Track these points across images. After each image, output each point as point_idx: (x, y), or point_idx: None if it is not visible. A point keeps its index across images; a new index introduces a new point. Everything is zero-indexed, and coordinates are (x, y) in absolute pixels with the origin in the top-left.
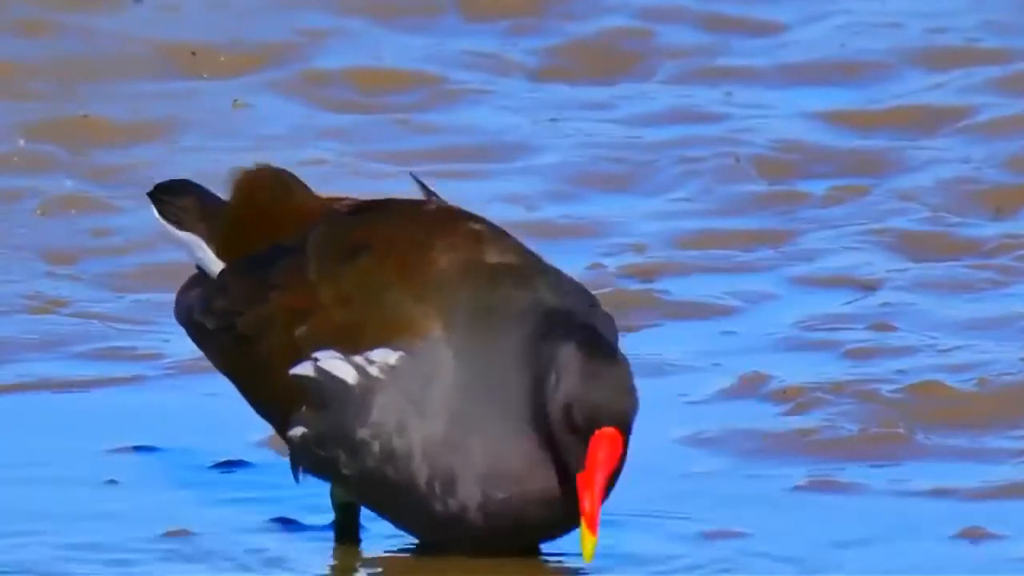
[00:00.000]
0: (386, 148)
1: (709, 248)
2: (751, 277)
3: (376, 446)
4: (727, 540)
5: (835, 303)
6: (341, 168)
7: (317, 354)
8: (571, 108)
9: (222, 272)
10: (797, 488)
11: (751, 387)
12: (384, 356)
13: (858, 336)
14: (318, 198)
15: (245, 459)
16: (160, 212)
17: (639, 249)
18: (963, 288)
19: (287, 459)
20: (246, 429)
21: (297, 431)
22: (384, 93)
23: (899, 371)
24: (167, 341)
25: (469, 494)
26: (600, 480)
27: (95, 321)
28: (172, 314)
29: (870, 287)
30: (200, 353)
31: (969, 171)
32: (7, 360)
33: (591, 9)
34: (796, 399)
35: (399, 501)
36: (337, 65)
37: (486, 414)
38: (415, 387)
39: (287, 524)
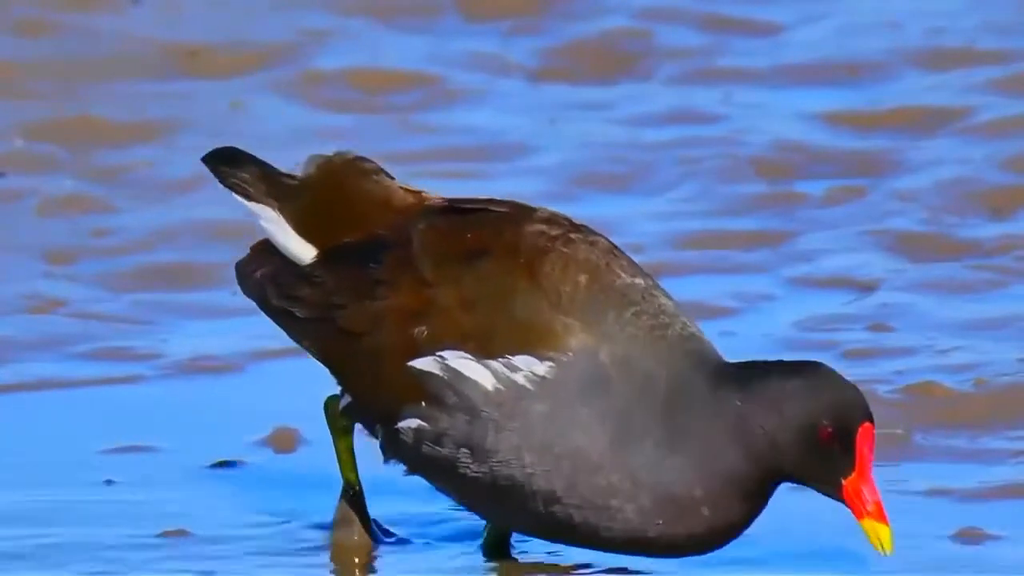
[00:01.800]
0: (386, 148)
1: (708, 248)
2: (750, 277)
3: (513, 455)
4: None
5: (834, 303)
6: None
7: (443, 352)
8: (571, 108)
9: (311, 263)
10: (797, 488)
11: None
12: (529, 364)
13: (856, 336)
14: (402, 187)
15: (244, 459)
16: (221, 182)
17: (638, 249)
18: (961, 289)
19: (287, 459)
20: (245, 429)
21: (410, 423)
22: (384, 93)
23: (897, 372)
24: (166, 341)
25: (623, 519)
26: (872, 475)
27: (94, 321)
28: (176, 312)
29: (868, 287)
30: (199, 353)
31: (968, 172)
32: (7, 360)
33: (591, 9)
34: None
35: (526, 506)
36: (337, 65)
37: (648, 443)
38: (567, 400)
39: (287, 524)
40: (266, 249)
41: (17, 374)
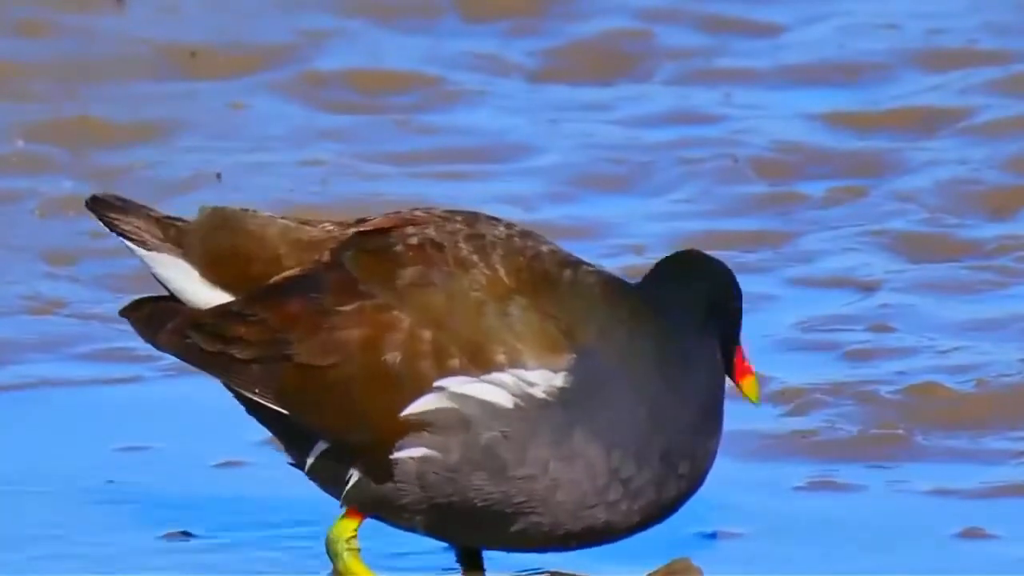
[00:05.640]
0: (386, 149)
1: (709, 249)
2: (751, 278)
3: (540, 469)
4: (727, 540)
5: (834, 304)
6: (341, 169)
7: (442, 381)
8: (571, 109)
9: (239, 302)
10: (797, 489)
11: None
12: (546, 378)
13: (857, 337)
14: (303, 223)
15: (245, 459)
16: (111, 228)
17: (638, 250)
18: (962, 289)
19: (286, 458)
20: (246, 429)
21: (413, 452)
22: (384, 94)
23: (898, 372)
24: None
25: (649, 500)
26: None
27: (94, 321)
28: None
29: (869, 288)
30: None
31: (968, 172)
32: (7, 360)
33: (591, 10)
34: (796, 400)
35: (544, 520)
36: (337, 66)
37: (659, 416)
38: (587, 405)
39: (288, 525)
40: (161, 302)
41: (17, 374)
